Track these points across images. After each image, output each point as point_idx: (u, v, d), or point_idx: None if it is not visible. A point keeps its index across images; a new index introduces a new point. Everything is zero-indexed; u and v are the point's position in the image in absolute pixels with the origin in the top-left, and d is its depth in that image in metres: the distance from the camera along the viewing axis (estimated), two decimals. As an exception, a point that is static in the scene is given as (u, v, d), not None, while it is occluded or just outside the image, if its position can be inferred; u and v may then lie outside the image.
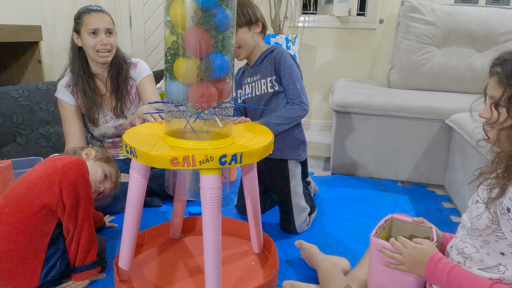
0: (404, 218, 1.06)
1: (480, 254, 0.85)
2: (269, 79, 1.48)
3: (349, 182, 2.13)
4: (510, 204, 0.78)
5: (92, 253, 1.18)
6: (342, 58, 3.05)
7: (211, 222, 1.02)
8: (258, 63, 1.52)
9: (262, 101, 1.51)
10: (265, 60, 1.50)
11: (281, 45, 2.59)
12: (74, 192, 1.12)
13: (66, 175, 1.11)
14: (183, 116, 1.05)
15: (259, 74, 1.50)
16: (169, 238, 1.46)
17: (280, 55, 1.45)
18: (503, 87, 0.81)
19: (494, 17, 2.35)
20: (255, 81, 1.52)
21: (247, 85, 1.56)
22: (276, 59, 1.46)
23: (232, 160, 0.98)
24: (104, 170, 1.38)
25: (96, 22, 1.65)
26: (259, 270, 1.29)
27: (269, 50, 1.50)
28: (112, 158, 1.44)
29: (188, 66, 1.00)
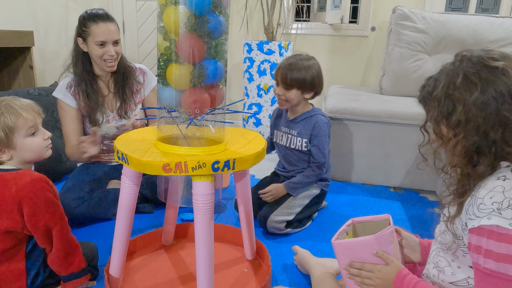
0: (364, 219, 1.07)
1: (452, 268, 0.86)
2: (304, 140, 1.65)
3: (341, 188, 2.14)
4: (466, 219, 0.79)
5: (75, 263, 1.13)
6: (335, 65, 3.07)
7: (203, 229, 1.02)
8: (298, 120, 1.67)
9: (292, 153, 1.70)
10: (305, 121, 1.66)
11: (281, 55, 2.61)
12: (38, 217, 1.04)
13: (25, 201, 1.02)
14: (176, 122, 1.05)
15: (297, 131, 1.67)
16: (161, 245, 1.45)
17: (318, 123, 1.63)
18: (425, 110, 0.86)
19: (483, 25, 2.39)
20: (292, 134, 1.69)
21: (283, 133, 1.72)
22: (315, 126, 1.63)
23: (224, 167, 0.98)
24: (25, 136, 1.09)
25: (104, 34, 1.63)
26: (251, 276, 1.28)
27: (310, 113, 1.66)
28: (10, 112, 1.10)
29: (181, 72, 1.00)
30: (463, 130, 0.78)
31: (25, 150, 1.09)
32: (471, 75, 0.78)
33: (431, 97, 0.83)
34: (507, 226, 0.71)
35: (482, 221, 0.74)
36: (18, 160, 1.11)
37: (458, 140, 0.79)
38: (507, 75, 0.76)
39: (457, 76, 0.79)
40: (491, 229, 0.72)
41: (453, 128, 0.80)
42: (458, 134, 0.79)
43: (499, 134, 0.76)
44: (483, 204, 0.75)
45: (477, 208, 0.76)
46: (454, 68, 0.81)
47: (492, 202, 0.74)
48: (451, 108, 0.79)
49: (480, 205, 0.76)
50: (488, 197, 0.75)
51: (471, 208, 0.78)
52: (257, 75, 2.68)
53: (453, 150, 0.81)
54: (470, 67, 0.79)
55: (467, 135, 0.78)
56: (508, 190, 0.73)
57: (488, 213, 0.73)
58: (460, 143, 0.79)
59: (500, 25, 2.38)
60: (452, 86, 0.79)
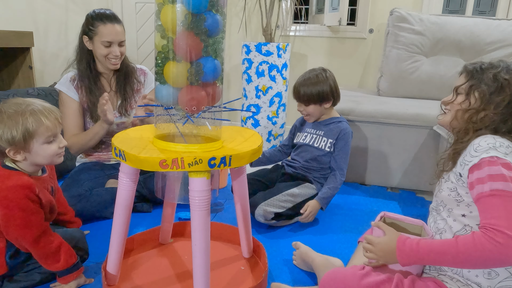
0: (395, 216, 1.08)
1: (448, 223, 0.96)
2: (330, 141, 1.72)
3: (346, 190, 2.14)
4: (461, 169, 0.92)
5: (60, 263, 1.14)
6: (333, 67, 3.07)
7: (199, 225, 1.02)
8: (327, 123, 1.76)
9: (315, 151, 1.74)
10: (333, 125, 1.74)
11: (284, 66, 2.62)
12: (9, 221, 1.07)
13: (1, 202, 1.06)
14: (173, 119, 1.06)
15: (323, 131, 1.75)
16: (159, 243, 1.45)
17: (346, 130, 1.72)
18: (467, 78, 0.99)
19: (480, 27, 2.41)
20: (318, 134, 1.76)
21: (308, 134, 1.79)
22: (342, 132, 1.71)
23: (221, 163, 0.99)
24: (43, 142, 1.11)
25: (111, 35, 1.68)
26: (248, 274, 1.29)
27: (338, 120, 1.76)
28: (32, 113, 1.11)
29: (178, 70, 1.01)
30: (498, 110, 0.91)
31: (38, 155, 1.11)
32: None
33: (482, 69, 0.96)
34: (504, 156, 0.84)
35: (482, 155, 0.86)
36: (29, 162, 1.13)
37: (487, 114, 0.92)
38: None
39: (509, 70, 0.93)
40: (492, 159, 0.84)
41: (487, 104, 0.93)
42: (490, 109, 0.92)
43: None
44: (479, 146, 0.88)
45: (474, 150, 0.89)
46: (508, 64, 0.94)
47: (487, 143, 0.87)
48: (499, 87, 0.92)
49: (476, 147, 0.89)
50: (483, 141, 0.88)
51: (467, 156, 0.90)
52: (255, 76, 2.70)
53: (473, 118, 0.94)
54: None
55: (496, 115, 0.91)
56: (498, 138, 0.88)
57: (485, 150, 0.86)
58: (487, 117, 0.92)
59: (496, 27, 2.40)
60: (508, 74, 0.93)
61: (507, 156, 0.85)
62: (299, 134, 1.82)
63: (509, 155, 0.85)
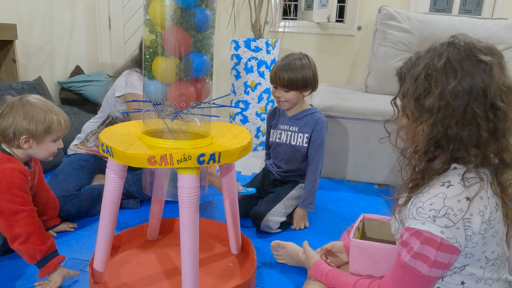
0: (374, 217, 1.10)
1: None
2: (306, 135, 1.67)
3: (326, 185, 2.16)
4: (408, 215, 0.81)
5: (45, 245, 1.15)
6: (321, 64, 3.08)
7: (188, 222, 1.02)
8: (300, 117, 1.68)
9: (292, 150, 1.69)
10: (306, 118, 1.68)
11: (273, 60, 2.62)
12: (2, 199, 1.12)
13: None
14: (161, 115, 1.05)
15: (298, 127, 1.68)
16: (146, 240, 1.44)
17: (319, 120, 1.66)
18: (400, 84, 0.85)
19: (466, 26, 2.44)
20: (292, 131, 1.69)
21: (283, 131, 1.72)
22: (316, 122, 1.66)
23: (210, 159, 0.99)
24: (52, 140, 1.23)
25: None
26: (237, 270, 1.29)
27: (311, 111, 1.69)
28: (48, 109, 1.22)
29: (167, 65, 1.00)
30: (432, 116, 0.75)
31: (42, 149, 1.22)
32: (454, 61, 0.75)
33: (410, 72, 0.80)
34: (438, 233, 0.74)
35: (417, 225, 0.76)
36: (29, 153, 1.22)
37: (425, 126, 0.76)
38: (488, 73, 0.74)
39: (440, 58, 0.76)
40: (422, 233, 0.75)
41: (421, 111, 0.77)
42: (426, 119, 0.76)
43: (461, 131, 0.74)
44: (422, 209, 0.76)
45: (416, 211, 0.78)
46: (440, 49, 0.78)
47: (430, 209, 0.75)
48: (426, 89, 0.76)
49: (419, 209, 0.77)
50: (428, 203, 0.76)
51: (413, 208, 0.79)
52: (244, 72, 2.69)
53: (415, 134, 0.78)
54: (456, 53, 0.75)
55: (434, 124, 0.75)
56: (450, 198, 0.74)
57: (424, 219, 0.75)
58: (426, 129, 0.76)
59: (482, 26, 2.44)
60: (433, 67, 0.76)
61: (447, 230, 0.73)
62: (274, 131, 1.74)
63: (450, 229, 0.73)
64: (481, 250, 0.78)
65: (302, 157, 1.69)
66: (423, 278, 0.76)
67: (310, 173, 1.66)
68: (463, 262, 0.79)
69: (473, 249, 0.77)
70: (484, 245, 0.77)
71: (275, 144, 1.74)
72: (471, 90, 0.73)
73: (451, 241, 0.73)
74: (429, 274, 0.76)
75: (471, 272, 0.80)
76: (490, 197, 0.77)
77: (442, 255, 0.75)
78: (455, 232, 0.73)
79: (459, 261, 0.79)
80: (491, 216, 0.76)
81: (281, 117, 1.73)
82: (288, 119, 1.71)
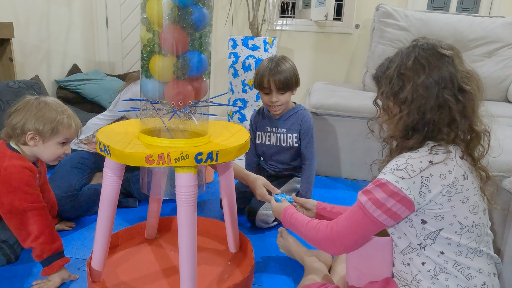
0: None
1: (395, 240, 0.93)
2: (295, 135, 1.68)
3: (324, 183, 2.16)
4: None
5: (54, 245, 1.15)
6: (319, 62, 3.10)
7: (186, 221, 1.02)
8: (285, 118, 1.68)
9: (282, 151, 1.71)
10: (292, 117, 1.68)
11: (268, 54, 2.61)
12: (13, 201, 1.12)
13: (3, 183, 1.12)
14: (159, 114, 1.05)
15: (285, 128, 1.69)
16: (144, 239, 1.44)
17: (306, 118, 1.68)
18: (378, 87, 0.95)
19: (463, 24, 2.44)
20: (280, 133, 1.70)
21: (271, 133, 1.72)
22: (302, 120, 1.67)
23: (208, 158, 0.99)
24: (59, 142, 1.22)
25: None
26: (235, 269, 1.29)
27: (295, 109, 1.69)
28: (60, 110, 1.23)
29: (164, 63, 0.99)
30: (408, 107, 0.87)
31: (47, 150, 1.22)
32: (421, 59, 0.86)
33: (384, 75, 0.91)
34: (392, 182, 0.83)
35: (379, 176, 0.87)
36: (34, 152, 1.22)
37: (402, 116, 0.88)
38: (451, 63, 0.85)
39: (409, 58, 0.87)
40: (380, 180, 0.85)
41: (399, 105, 0.89)
42: (403, 110, 0.88)
43: (434, 115, 0.85)
44: (389, 164, 0.88)
45: (383, 169, 0.89)
46: (408, 51, 0.89)
47: (394, 165, 0.85)
48: (401, 86, 0.88)
49: (385, 167, 0.88)
50: (394, 161, 0.87)
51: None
52: (242, 71, 2.69)
53: (396, 124, 0.90)
54: (422, 52, 0.87)
55: (410, 113, 0.87)
56: (413, 158, 0.84)
57: (386, 171, 0.86)
58: (403, 118, 0.88)
59: (479, 24, 2.44)
60: (404, 67, 0.87)
61: (402, 180, 0.82)
62: (261, 134, 1.73)
63: (406, 180, 0.82)
64: (451, 214, 0.83)
65: (294, 155, 1.71)
66: (370, 218, 0.86)
67: (305, 171, 1.67)
68: (436, 225, 0.85)
69: (440, 211, 0.83)
70: (453, 209, 0.83)
71: (265, 147, 1.73)
72: (440, 80, 0.84)
73: (405, 192, 0.82)
74: (375, 215, 0.85)
75: (446, 236, 0.84)
76: (457, 165, 0.84)
77: (391, 202, 0.83)
78: (409, 184, 0.82)
79: (432, 224, 0.85)
80: (456, 182, 0.83)
81: (268, 119, 1.71)
82: (275, 121, 1.70)
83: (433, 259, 0.86)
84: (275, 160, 1.75)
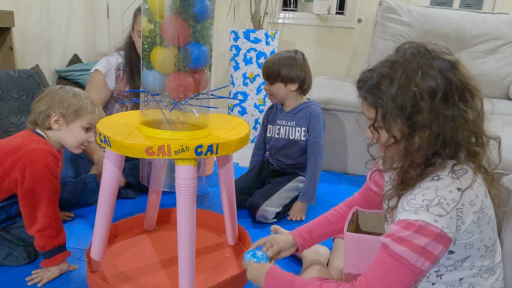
0: (367, 209, 1.10)
1: None
2: (303, 129, 1.69)
3: (324, 178, 2.17)
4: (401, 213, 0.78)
5: (57, 239, 1.15)
6: (321, 56, 3.09)
7: (185, 213, 1.02)
8: (295, 112, 1.71)
9: (290, 144, 1.72)
10: (302, 111, 1.70)
11: (271, 52, 2.60)
12: (34, 183, 1.11)
13: (30, 164, 1.12)
14: (159, 106, 1.04)
15: (295, 121, 1.71)
16: (143, 230, 1.45)
17: (315, 112, 1.69)
18: (374, 108, 0.81)
19: (466, 20, 2.43)
20: (290, 126, 1.72)
21: (281, 126, 1.74)
22: (311, 115, 1.68)
23: (208, 151, 0.99)
24: (82, 126, 1.25)
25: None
26: (233, 261, 1.30)
27: (306, 104, 1.71)
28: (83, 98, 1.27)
29: (165, 55, 0.99)
30: (428, 129, 0.75)
31: (71, 134, 1.24)
32: (429, 69, 0.75)
33: (383, 93, 0.78)
34: (432, 222, 0.72)
35: (410, 215, 0.74)
36: (58, 137, 1.25)
37: (422, 140, 0.76)
38: (457, 68, 0.76)
39: (415, 71, 0.75)
40: (415, 223, 0.73)
41: (413, 127, 0.76)
42: (422, 133, 0.75)
43: (453, 132, 0.75)
44: (414, 200, 0.75)
45: (407, 203, 0.76)
46: (407, 62, 0.77)
47: (423, 200, 0.74)
48: (413, 105, 0.75)
49: (410, 201, 0.76)
50: (421, 195, 0.75)
51: (404, 202, 0.78)
52: (243, 64, 2.68)
53: (409, 149, 0.77)
54: (426, 61, 0.76)
55: (430, 135, 0.75)
56: (442, 189, 0.74)
57: (416, 209, 0.74)
58: (424, 142, 0.76)
59: (482, 21, 2.43)
60: (413, 83, 0.75)
61: (441, 218, 0.72)
62: (271, 127, 1.77)
63: (444, 217, 0.72)
64: (479, 238, 0.76)
65: (301, 150, 1.71)
66: (411, 269, 0.73)
67: (309, 167, 1.67)
68: (464, 254, 0.77)
69: (470, 239, 0.76)
70: (481, 234, 0.76)
71: (274, 140, 1.76)
72: (455, 91, 0.74)
73: (446, 231, 0.72)
74: (418, 265, 0.73)
75: (471, 262, 0.78)
76: (479, 185, 0.77)
77: (433, 245, 0.72)
78: (448, 221, 0.72)
79: (460, 254, 0.77)
80: (483, 204, 0.76)
81: (279, 112, 1.75)
82: (285, 114, 1.73)
83: (447, 283, 0.80)
84: (282, 154, 1.75)
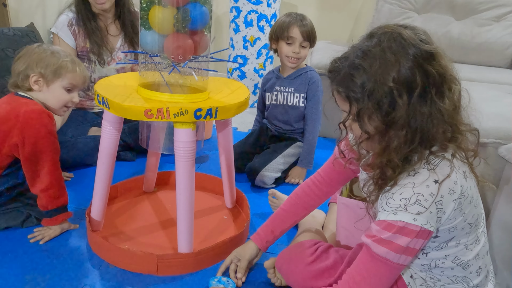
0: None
1: None
2: (302, 95, 1.69)
3: (323, 144, 2.17)
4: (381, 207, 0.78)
5: (60, 200, 1.17)
6: (323, 20, 3.01)
7: (184, 176, 1.03)
8: (294, 77, 1.69)
9: (288, 110, 1.71)
10: (300, 77, 1.69)
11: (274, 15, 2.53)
12: (35, 145, 1.10)
13: (28, 126, 1.09)
14: (158, 68, 1.03)
15: (293, 87, 1.69)
16: (143, 192, 1.47)
17: (314, 79, 1.68)
18: (348, 102, 0.77)
19: (474, -14, 2.35)
20: (288, 92, 1.70)
21: (279, 92, 1.72)
22: (310, 81, 1.68)
23: (207, 115, 0.98)
24: (64, 86, 1.19)
25: None
26: (230, 223, 1.33)
27: (305, 70, 1.70)
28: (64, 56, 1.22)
29: (164, 15, 0.97)
30: (405, 127, 0.72)
31: (53, 95, 1.19)
32: (406, 62, 0.70)
33: (357, 87, 0.74)
34: (411, 221, 0.71)
35: (389, 216, 0.74)
36: (41, 98, 1.19)
37: (398, 137, 0.72)
38: (436, 59, 0.72)
39: (392, 65, 0.70)
40: (395, 225, 0.73)
41: (388, 124, 0.72)
42: (398, 130, 0.72)
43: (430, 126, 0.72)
44: (392, 199, 0.74)
45: (386, 203, 0.75)
46: (384, 53, 0.72)
47: (401, 199, 0.73)
48: (390, 101, 0.71)
49: (389, 200, 0.75)
50: (398, 194, 0.74)
51: (383, 201, 0.77)
52: (243, 26, 2.61)
53: (386, 146, 0.74)
54: (405, 53, 0.71)
55: (408, 132, 0.72)
56: (418, 186, 0.72)
57: (394, 209, 0.73)
58: (400, 139, 0.72)
59: (491, -14, 2.35)
60: (389, 77, 0.70)
61: (420, 216, 0.71)
62: (269, 94, 1.76)
63: (423, 214, 0.71)
64: (463, 219, 0.76)
65: (299, 116, 1.71)
66: (395, 267, 0.75)
67: (307, 132, 1.68)
68: (448, 236, 0.77)
69: (454, 223, 0.76)
70: (464, 215, 0.76)
71: (272, 106, 1.75)
72: (433, 84, 0.71)
73: (426, 227, 0.72)
74: (400, 262, 0.75)
75: (456, 241, 0.78)
76: (457, 169, 0.75)
77: (415, 242, 0.73)
78: (428, 216, 0.72)
79: (444, 237, 0.77)
80: (463, 189, 0.74)
81: (276, 79, 1.74)
82: (283, 80, 1.72)
83: (432, 258, 0.80)
84: (280, 120, 1.75)
